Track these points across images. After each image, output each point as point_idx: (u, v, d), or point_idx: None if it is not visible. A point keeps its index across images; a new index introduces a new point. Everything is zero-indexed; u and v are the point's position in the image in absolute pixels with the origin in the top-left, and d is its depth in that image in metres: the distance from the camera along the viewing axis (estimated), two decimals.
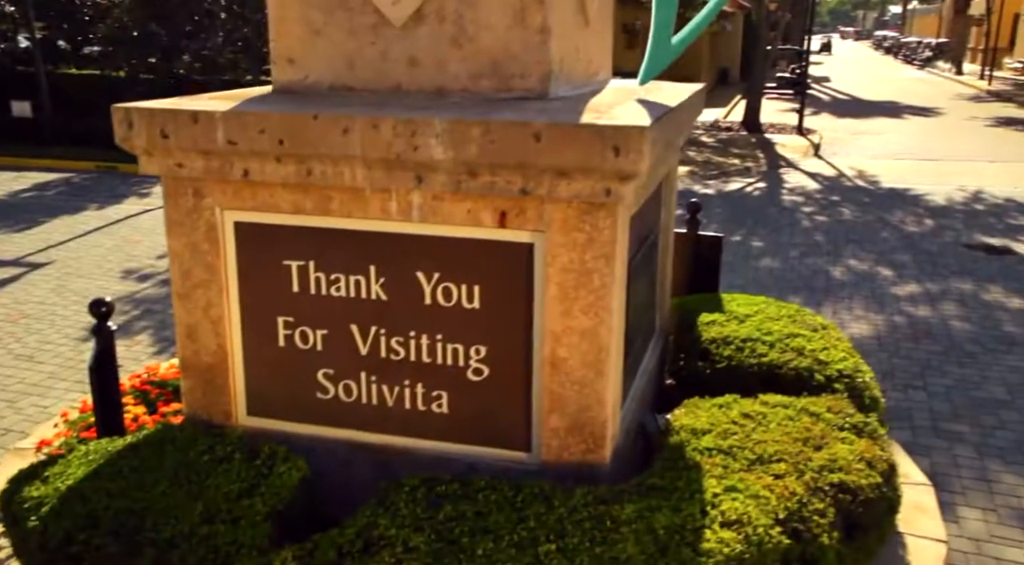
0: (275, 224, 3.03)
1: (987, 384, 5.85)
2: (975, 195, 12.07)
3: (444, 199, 2.80)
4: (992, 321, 7.02)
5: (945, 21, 58.65)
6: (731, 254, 8.95)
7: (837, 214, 10.91)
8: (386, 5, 2.98)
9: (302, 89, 3.18)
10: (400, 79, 3.07)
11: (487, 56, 2.96)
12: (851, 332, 6.79)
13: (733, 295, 4.48)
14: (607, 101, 2.93)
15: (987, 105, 26.90)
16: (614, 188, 2.58)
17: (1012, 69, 41.36)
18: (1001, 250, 9.13)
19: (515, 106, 2.80)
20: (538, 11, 2.87)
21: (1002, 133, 19.62)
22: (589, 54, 3.41)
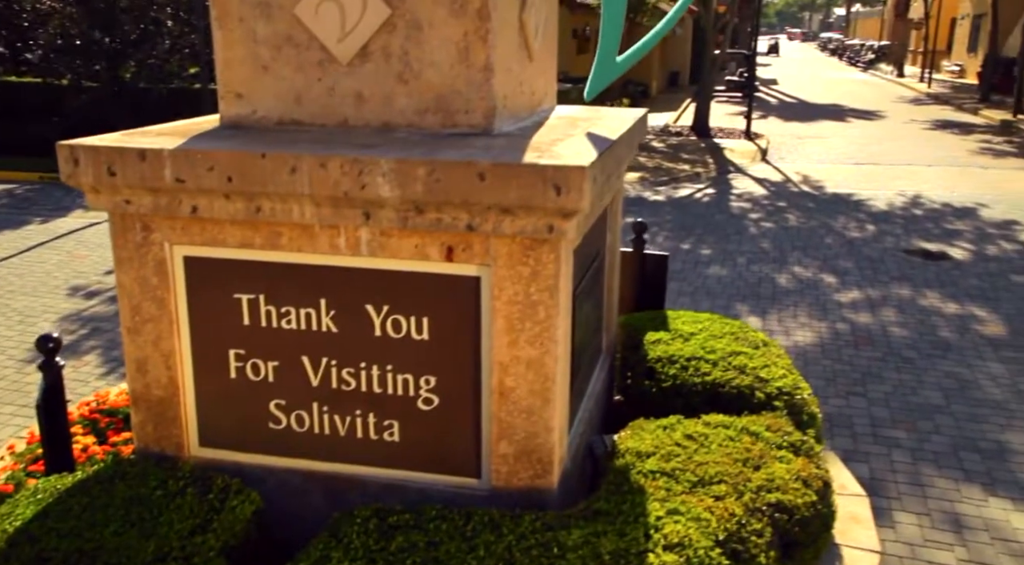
0: (225, 258, 3.05)
1: (923, 389, 6.08)
2: (914, 200, 12.46)
3: (392, 235, 2.85)
4: (928, 326, 7.29)
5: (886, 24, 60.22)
6: (680, 262, 9.14)
7: (783, 220, 11.18)
8: (332, 43, 3.03)
9: (250, 123, 3.21)
10: (347, 114, 3.12)
11: (432, 92, 3.03)
12: (796, 339, 7.00)
13: (678, 312, 4.61)
14: (550, 137, 3.01)
15: (926, 108, 27.71)
16: (557, 225, 2.67)
17: (949, 71, 42.61)
18: (937, 255, 9.46)
19: (460, 143, 2.87)
20: (482, 50, 2.94)
21: (939, 136, 20.24)
22: (533, 86, 3.49)
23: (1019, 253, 9.56)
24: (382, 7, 2.97)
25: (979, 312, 7.66)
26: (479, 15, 2.91)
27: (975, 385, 6.13)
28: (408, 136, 3.00)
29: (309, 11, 3.02)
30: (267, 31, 3.09)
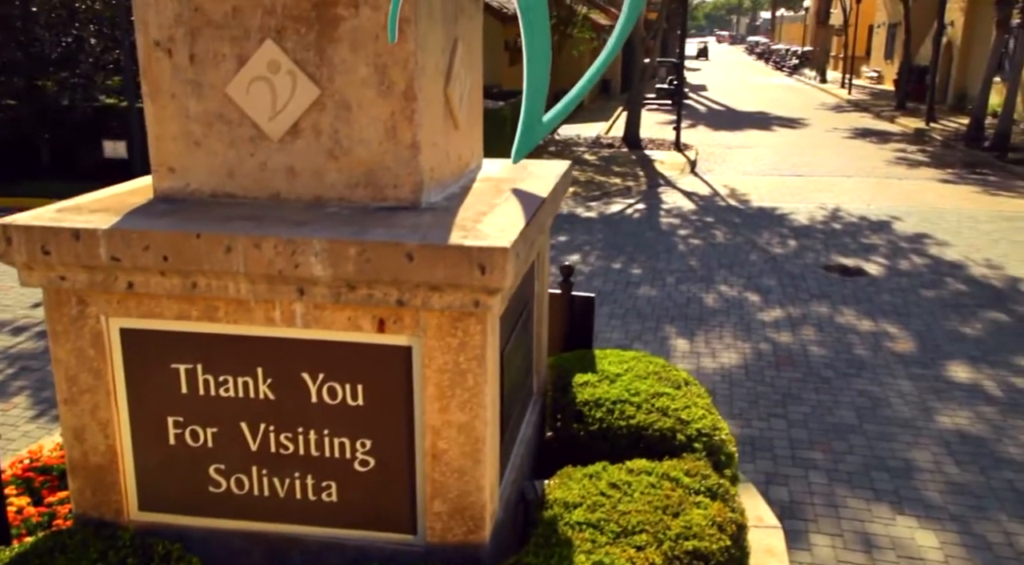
0: (162, 330, 3.13)
1: (839, 409, 6.43)
2: (833, 213, 13.01)
3: (326, 308, 2.98)
4: (844, 345, 7.68)
5: (809, 30, 62.11)
6: (612, 283, 9.41)
7: (710, 237, 11.56)
8: (264, 121, 3.14)
9: (184, 196, 3.29)
10: (279, 187, 3.23)
11: (362, 168, 3.16)
12: (722, 361, 7.30)
13: (605, 352, 4.81)
14: (476, 209, 3.17)
15: (847, 115, 28.75)
16: (482, 300, 2.83)
17: (868, 78, 44.22)
18: (854, 271, 9.93)
19: (389, 219, 3.01)
20: (408, 129, 3.08)
21: (859, 146, 21.06)
22: (459, 152, 3.65)
23: (928, 267, 10.10)
24: (311, 87, 3.09)
25: (891, 329, 8.09)
26: (405, 96, 3.05)
27: (886, 403, 6.51)
28: (339, 210, 3.13)
29: (240, 90, 3.12)
30: (199, 108, 3.18)
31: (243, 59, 3.10)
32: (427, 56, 3.11)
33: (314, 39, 3.06)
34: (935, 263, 10.25)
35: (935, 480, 5.42)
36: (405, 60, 3.02)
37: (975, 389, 6.76)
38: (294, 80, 3.09)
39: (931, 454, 5.76)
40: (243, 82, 3.11)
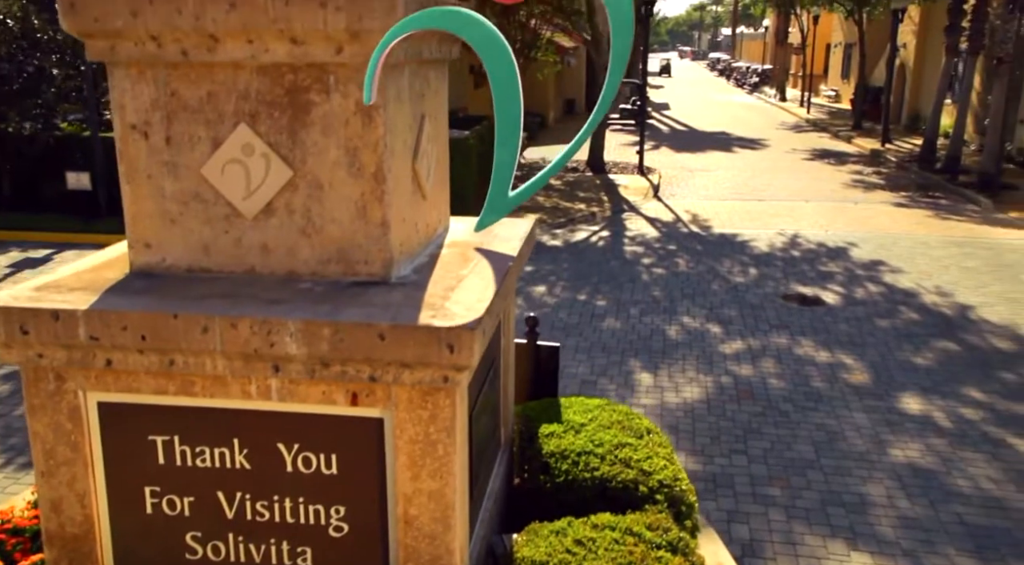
0: (139, 403, 3.22)
1: (797, 443, 6.64)
2: (792, 239, 13.34)
3: (300, 383, 3.09)
4: (802, 377, 7.92)
5: (769, 48, 63.29)
6: (577, 315, 9.58)
7: (673, 266, 11.80)
8: (238, 200, 3.25)
9: (160, 271, 3.38)
10: (254, 263, 3.34)
11: (334, 245, 3.28)
12: (684, 396, 7.49)
13: (571, 400, 4.97)
14: (444, 283, 3.31)
15: (806, 135, 29.37)
16: (451, 376, 2.96)
17: (826, 96, 45.19)
18: (812, 300, 10.21)
19: (361, 297, 3.13)
20: (378, 208, 3.22)
21: (817, 168, 21.55)
22: (427, 220, 3.79)
23: (883, 295, 10.42)
24: (284, 169, 3.21)
25: (847, 359, 8.35)
26: (375, 177, 3.19)
27: (842, 437, 6.74)
28: (312, 286, 3.25)
29: (215, 171, 3.23)
30: (175, 188, 3.28)
31: (218, 142, 3.22)
32: (396, 138, 3.25)
33: (287, 123, 3.19)
34: (889, 291, 10.58)
35: (888, 515, 5.64)
36: (375, 143, 3.16)
37: (926, 421, 7.03)
38: (268, 162, 3.21)
39: (884, 488, 5.98)
40: (218, 163, 3.23)
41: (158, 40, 3.10)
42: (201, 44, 3.09)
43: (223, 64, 3.13)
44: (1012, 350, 8.63)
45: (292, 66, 3.12)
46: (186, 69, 3.17)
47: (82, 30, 3.11)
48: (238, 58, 3.11)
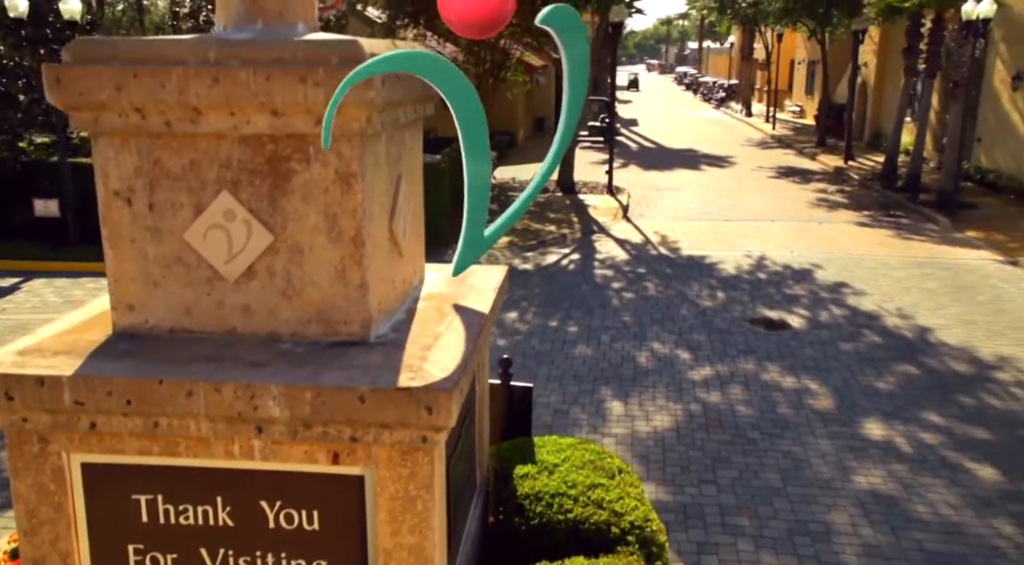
0: (123, 464, 3.28)
1: (764, 472, 6.81)
2: (759, 262, 13.60)
3: (283, 443, 3.18)
4: (769, 403, 8.11)
5: (734, 63, 64.25)
6: (549, 342, 9.71)
7: (643, 290, 11.99)
8: (220, 264, 3.34)
9: (143, 332, 3.46)
10: (236, 324, 3.43)
11: (314, 307, 3.38)
12: (655, 424, 7.65)
13: (544, 439, 5.09)
14: (422, 341, 3.41)
15: (771, 152, 29.86)
16: (430, 436, 3.07)
17: (791, 111, 45.97)
18: (778, 324, 10.45)
19: (341, 357, 3.23)
20: (357, 271, 3.33)
21: (782, 186, 21.94)
22: (404, 276, 3.89)
23: (846, 318, 10.68)
24: (265, 234, 3.31)
25: (812, 384, 8.57)
26: (354, 242, 3.30)
27: (807, 464, 6.93)
28: (293, 347, 3.34)
29: (198, 236, 3.32)
30: (158, 252, 3.36)
31: (200, 208, 3.31)
32: (373, 203, 3.37)
33: (268, 191, 3.29)
34: (852, 314, 10.85)
35: (851, 543, 5.82)
36: (354, 210, 3.27)
37: (888, 447, 7.24)
38: (249, 228, 3.30)
39: (848, 516, 6.17)
40: (200, 229, 3.31)
41: (142, 112, 3.19)
42: (184, 116, 3.19)
43: (205, 134, 3.23)
44: (969, 373, 8.90)
45: (273, 137, 3.23)
46: (169, 139, 3.26)
47: (67, 103, 3.19)
48: (220, 129, 3.21)
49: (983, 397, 8.27)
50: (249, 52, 3.15)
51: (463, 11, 3.41)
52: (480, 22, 3.49)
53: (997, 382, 8.66)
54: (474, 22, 3.48)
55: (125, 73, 3.13)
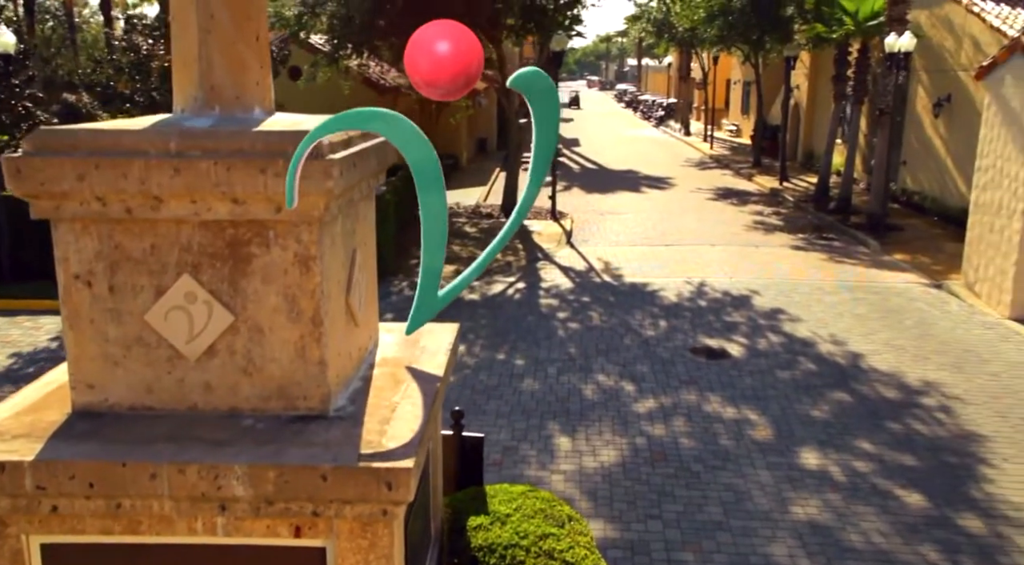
0: (84, 543, 3.34)
1: (707, 505, 7.07)
2: (699, 288, 13.99)
3: (246, 520, 3.27)
4: (711, 435, 8.39)
5: (673, 81, 65.62)
6: (497, 376, 9.87)
7: (587, 319, 12.25)
8: (181, 344, 3.42)
9: (103, 410, 3.51)
10: (196, 400, 3.51)
11: (275, 383, 3.49)
12: (602, 459, 7.85)
13: (496, 489, 5.24)
14: (379, 415, 3.54)
15: (710, 172, 30.61)
16: (390, 509, 3.21)
17: (728, 131, 47.15)
18: (718, 353, 10.79)
19: (302, 433, 3.34)
20: (316, 349, 3.45)
21: (720, 208, 22.54)
22: (359, 344, 4.02)
23: (783, 346, 11.08)
24: (226, 315, 3.41)
25: (752, 415, 8.89)
26: (313, 321, 3.42)
27: (748, 496, 7.21)
28: (255, 423, 3.44)
29: (159, 317, 3.40)
30: (118, 333, 3.43)
31: (161, 290, 3.39)
32: (331, 282, 3.50)
33: (228, 273, 3.39)
34: (789, 341, 11.26)
35: None
36: (312, 291, 3.39)
37: (823, 476, 7.57)
38: (210, 308, 3.40)
39: (787, 547, 6.45)
40: (161, 310, 3.40)
41: (103, 200, 3.27)
42: (145, 203, 3.28)
43: (166, 220, 3.32)
44: (898, 399, 9.33)
45: (233, 222, 3.34)
46: (130, 224, 3.34)
47: (28, 193, 3.25)
48: (181, 215, 3.30)
49: (910, 423, 8.70)
50: (210, 143, 3.26)
51: (431, 74, 3.48)
52: (448, 85, 3.55)
53: (923, 407, 9.10)
54: (442, 85, 3.55)
55: (87, 164, 3.21)
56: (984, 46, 18.41)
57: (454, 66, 3.48)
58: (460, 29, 3.49)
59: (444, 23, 3.66)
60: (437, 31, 3.49)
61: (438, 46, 3.49)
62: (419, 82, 3.45)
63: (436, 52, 3.47)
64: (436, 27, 3.53)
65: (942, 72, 20.66)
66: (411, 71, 3.42)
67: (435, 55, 3.46)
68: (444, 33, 3.52)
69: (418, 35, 3.51)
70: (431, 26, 3.52)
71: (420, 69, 3.45)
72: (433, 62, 3.47)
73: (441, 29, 3.52)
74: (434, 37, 3.51)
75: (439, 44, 3.50)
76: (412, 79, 3.47)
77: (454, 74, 3.48)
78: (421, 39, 3.53)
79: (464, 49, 3.49)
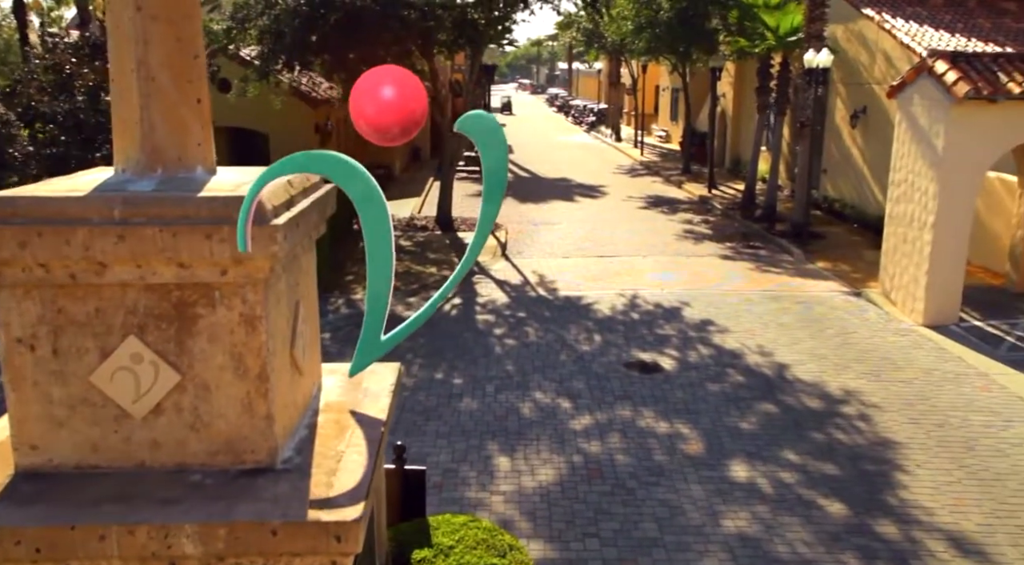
0: None
1: (643, 522, 7.33)
2: (632, 301, 14.34)
3: None
4: (645, 451, 8.68)
5: (603, 87, 66.57)
6: (436, 397, 9.99)
7: (524, 335, 12.45)
8: (127, 403, 3.47)
9: (47, 470, 3.53)
10: (144, 457, 3.56)
11: (222, 438, 3.56)
12: (540, 479, 8.05)
13: (439, 519, 5.38)
14: (326, 467, 3.65)
15: (641, 180, 31.22)
16: (339, 561, 3.33)
17: (658, 136, 48.09)
18: (651, 367, 11.11)
19: (250, 488, 3.43)
20: (263, 404, 3.53)
21: (652, 217, 23.05)
22: (304, 391, 4.11)
23: (713, 358, 11.48)
24: (173, 374, 3.47)
25: (684, 428, 9.21)
26: (259, 378, 3.51)
27: (681, 511, 7.49)
28: (203, 479, 3.51)
29: (104, 378, 3.44)
30: (63, 393, 3.46)
31: (107, 352, 3.43)
32: (276, 339, 3.59)
33: (174, 333, 3.46)
34: (718, 353, 11.66)
35: None
36: (258, 349, 3.48)
37: (752, 488, 7.91)
38: (156, 369, 3.46)
39: (719, 561, 6.74)
40: (107, 371, 3.44)
41: (46, 267, 3.31)
42: (90, 269, 3.32)
43: (111, 285, 3.37)
44: (820, 409, 9.78)
45: (179, 285, 3.40)
46: (73, 289, 3.38)
47: None
48: (126, 279, 3.36)
49: (832, 432, 9.13)
50: (155, 210, 3.32)
51: (376, 119, 3.57)
52: (392, 130, 3.64)
53: (844, 416, 9.56)
54: (387, 130, 3.64)
55: (29, 231, 3.24)
56: (895, 61, 19.29)
57: (399, 112, 3.59)
58: (405, 75, 3.61)
59: (389, 69, 3.77)
60: (382, 77, 3.60)
61: (383, 91, 3.61)
62: (364, 127, 3.54)
63: (381, 97, 3.59)
64: (381, 73, 3.64)
65: (858, 85, 21.55)
66: (356, 116, 3.51)
67: (380, 101, 3.58)
68: (389, 79, 3.63)
69: (363, 81, 3.61)
70: (376, 72, 3.62)
71: (365, 114, 3.57)
72: (378, 107, 3.58)
73: (386, 75, 3.63)
74: (379, 83, 3.62)
75: (384, 90, 3.61)
76: (357, 124, 3.57)
77: (399, 119, 3.60)
78: (366, 85, 3.63)
79: (409, 95, 3.62)
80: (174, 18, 3.56)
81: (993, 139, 12.61)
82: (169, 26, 3.55)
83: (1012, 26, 19.74)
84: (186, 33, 3.61)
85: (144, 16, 3.49)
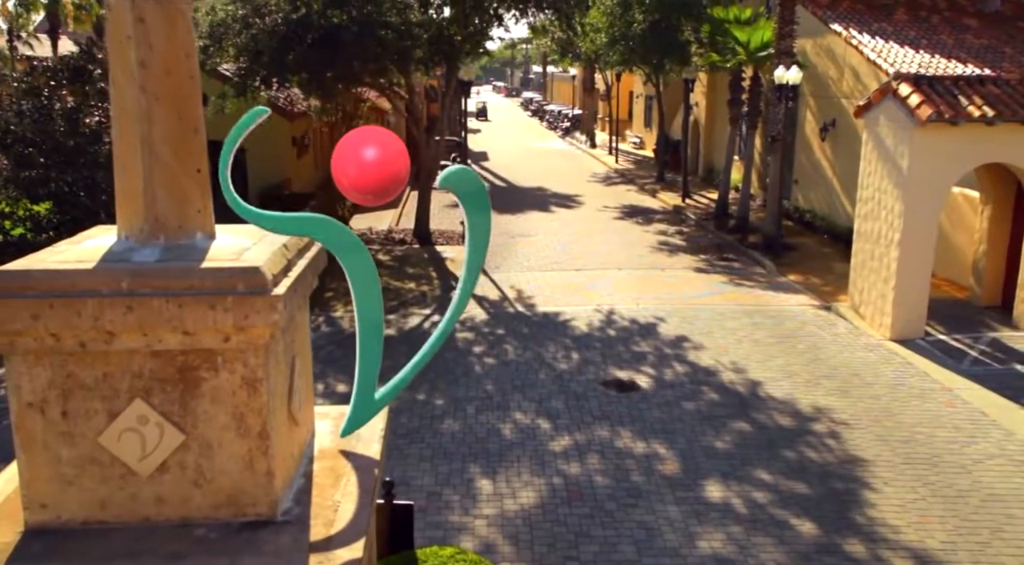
0: None
1: (622, 544, 7.57)
2: (608, 317, 14.60)
3: None
4: (623, 472, 8.92)
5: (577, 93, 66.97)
6: (418, 418, 10.17)
7: (503, 353, 12.67)
8: (134, 462, 3.64)
9: (56, 527, 3.69)
10: (149, 513, 3.73)
11: (224, 493, 3.74)
12: (522, 501, 8.27)
13: (426, 552, 5.57)
14: (324, 517, 3.85)
15: (615, 188, 31.53)
16: None
17: (632, 143, 48.53)
18: (628, 385, 11.37)
19: (253, 541, 3.62)
20: (264, 460, 3.72)
21: (627, 228, 23.34)
22: (300, 441, 4.30)
23: (688, 376, 11.76)
24: (177, 434, 3.65)
25: (660, 448, 9.47)
26: (260, 436, 3.70)
27: (658, 533, 7.74)
28: (207, 532, 3.69)
29: (112, 439, 3.61)
30: (72, 454, 3.63)
31: (114, 413, 3.60)
32: (276, 399, 3.78)
33: (179, 396, 3.63)
34: (693, 370, 11.94)
35: None
36: (260, 409, 3.67)
37: (726, 509, 8.18)
38: (162, 429, 3.63)
39: None
40: (115, 433, 3.61)
41: (57, 336, 3.47)
42: (99, 337, 3.49)
43: (119, 352, 3.55)
44: (791, 426, 10.09)
45: (184, 351, 3.59)
46: (83, 356, 3.55)
47: None
48: (133, 347, 3.53)
49: (803, 451, 9.44)
50: (161, 282, 3.50)
51: (358, 180, 3.74)
52: (374, 190, 3.81)
53: (814, 434, 9.87)
54: (368, 190, 3.81)
55: (41, 304, 3.41)
56: (863, 76, 19.75)
57: (381, 172, 3.78)
58: (387, 136, 3.79)
59: (371, 129, 3.96)
60: (364, 137, 3.78)
61: (365, 152, 3.79)
62: (346, 187, 3.72)
63: (363, 158, 3.77)
64: (363, 134, 3.82)
65: (827, 98, 22.02)
66: (338, 176, 3.67)
67: (362, 161, 3.77)
68: (371, 140, 3.82)
69: (345, 141, 3.79)
70: (358, 132, 3.79)
71: (348, 174, 3.75)
72: (360, 168, 3.76)
73: (368, 136, 3.82)
74: (361, 143, 3.81)
75: (366, 150, 3.80)
76: (339, 183, 3.75)
77: (380, 179, 3.79)
78: (348, 145, 3.81)
79: (391, 155, 3.81)
80: (176, 98, 3.74)
81: (955, 160, 13.03)
82: (171, 106, 3.73)
83: (974, 42, 20.28)
84: (187, 111, 3.79)
85: (148, 97, 3.67)
